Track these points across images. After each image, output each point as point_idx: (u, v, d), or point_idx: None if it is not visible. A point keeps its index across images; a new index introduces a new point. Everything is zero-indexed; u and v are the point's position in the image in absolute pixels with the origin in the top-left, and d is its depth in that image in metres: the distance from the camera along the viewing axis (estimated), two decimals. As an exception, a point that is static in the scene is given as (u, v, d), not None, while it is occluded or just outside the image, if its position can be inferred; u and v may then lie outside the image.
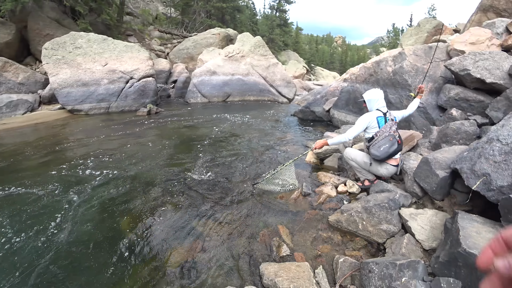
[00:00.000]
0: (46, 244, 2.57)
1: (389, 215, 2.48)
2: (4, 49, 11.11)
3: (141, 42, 17.68)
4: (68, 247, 2.55)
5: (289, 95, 12.90)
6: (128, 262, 2.40)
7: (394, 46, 35.78)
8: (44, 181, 3.96)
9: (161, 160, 4.78)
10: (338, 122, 6.78)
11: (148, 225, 2.89)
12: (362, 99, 3.35)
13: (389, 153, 2.93)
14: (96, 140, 6.19)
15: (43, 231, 2.75)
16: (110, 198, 3.45)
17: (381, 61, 5.86)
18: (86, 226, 2.87)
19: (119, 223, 2.94)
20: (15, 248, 2.53)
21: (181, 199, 3.42)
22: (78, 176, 4.16)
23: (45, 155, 5.24)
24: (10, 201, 3.40)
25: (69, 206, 3.23)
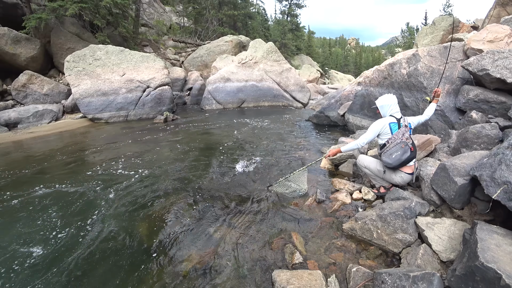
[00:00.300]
0: (70, 240, 2.69)
1: (404, 224, 2.42)
2: (30, 63, 11.74)
3: (156, 52, 18.19)
4: (93, 244, 2.75)
5: (303, 100, 12.86)
6: (145, 263, 2.49)
7: (409, 46, 34.93)
8: (73, 183, 4.35)
9: (178, 166, 4.92)
10: (353, 127, 6.68)
11: (165, 229, 2.99)
12: (375, 106, 3.29)
13: (401, 161, 2.86)
14: (117, 146, 6.48)
15: (66, 226, 2.91)
16: (130, 202, 3.61)
17: (394, 63, 5.74)
18: (108, 226, 3.03)
19: (138, 226, 3.07)
20: (49, 239, 2.78)
21: (197, 204, 3.51)
22: (102, 179, 4.42)
23: (72, 160, 5.61)
24: (44, 199, 3.81)
25: (94, 207, 3.44)
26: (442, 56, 5.14)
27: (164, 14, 26.63)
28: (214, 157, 5.37)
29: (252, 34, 28.47)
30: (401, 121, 3.03)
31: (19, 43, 11.42)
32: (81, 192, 4.01)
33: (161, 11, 26.87)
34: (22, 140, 7.77)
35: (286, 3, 38.41)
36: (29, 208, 3.58)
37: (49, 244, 2.82)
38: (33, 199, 3.84)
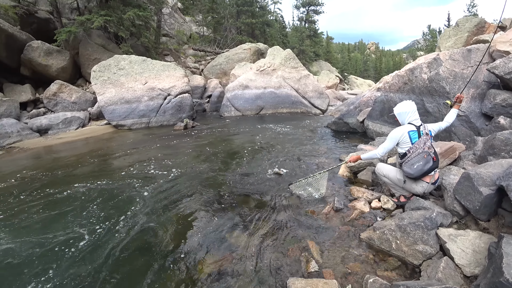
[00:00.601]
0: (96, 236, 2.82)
1: (425, 235, 2.33)
2: (60, 73, 12.48)
3: (177, 61, 18.74)
4: (125, 239, 3.01)
5: (322, 106, 12.75)
6: (163, 263, 2.60)
7: (431, 49, 33.76)
8: (107, 182, 4.76)
9: (199, 170, 5.06)
10: (373, 134, 6.54)
11: (183, 232, 3.07)
12: (392, 113, 3.20)
13: (423, 171, 2.76)
14: (141, 151, 6.78)
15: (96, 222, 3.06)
16: (154, 203, 3.80)
17: (415, 68, 5.58)
18: (137, 223, 3.20)
19: (159, 228, 3.20)
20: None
21: (215, 208, 3.60)
22: (129, 181, 4.71)
23: (101, 163, 6.08)
24: (84, 195, 4.29)
25: (126, 204, 3.63)
26: (465, 59, 4.95)
27: (184, 24, 27.46)
28: (233, 162, 5.47)
29: (270, 42, 28.70)
30: (421, 129, 2.92)
31: (51, 55, 12.19)
32: (113, 190, 4.40)
33: (182, 21, 27.74)
34: (52, 145, 8.25)
35: (303, 10, 38.48)
36: (73, 203, 4.00)
37: (90, 234, 3.15)
38: (75, 195, 4.28)
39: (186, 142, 7.56)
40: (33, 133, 9.31)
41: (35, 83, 12.36)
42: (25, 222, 3.51)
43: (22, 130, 9.08)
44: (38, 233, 3.20)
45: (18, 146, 8.24)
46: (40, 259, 2.75)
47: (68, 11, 15.62)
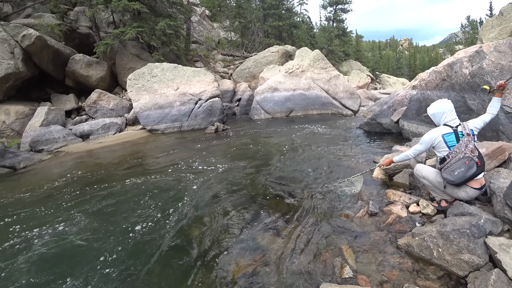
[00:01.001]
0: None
1: (471, 243, 2.15)
2: (99, 82, 13.37)
3: (206, 66, 19.25)
4: (172, 229, 3.30)
5: (354, 107, 12.36)
6: (194, 266, 2.65)
7: (472, 42, 31.27)
8: (152, 178, 5.27)
9: (232, 171, 5.17)
10: (409, 134, 6.20)
11: (215, 234, 3.13)
12: (426, 114, 2.97)
13: (465, 178, 2.53)
14: (175, 153, 7.15)
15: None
16: (184, 203, 3.93)
17: (454, 63, 5.19)
18: (161, 225, 3.34)
19: (190, 228, 3.31)
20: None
21: (248, 209, 3.64)
22: (164, 181, 5.02)
23: (140, 163, 6.61)
24: (135, 190, 4.81)
25: (167, 201, 3.78)
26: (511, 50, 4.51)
27: (212, 31, 28.18)
28: (266, 164, 5.51)
29: (298, 43, 28.49)
30: (459, 130, 2.67)
31: (91, 66, 13.11)
32: (156, 185, 4.84)
33: (210, 28, 28.49)
34: (94, 149, 8.86)
35: (331, 9, 37.77)
36: (126, 195, 4.51)
37: (144, 223, 3.52)
38: (126, 189, 4.81)
39: (218, 144, 7.75)
40: (76, 138, 10.04)
41: (78, 93, 13.36)
42: (90, 209, 4.08)
43: (67, 135, 9.83)
44: (102, 221, 3.69)
45: (64, 150, 8.94)
46: (102, 243, 3.14)
47: (105, 25, 16.73)
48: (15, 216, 4.14)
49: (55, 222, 3.75)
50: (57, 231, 3.52)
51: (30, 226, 3.70)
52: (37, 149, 9.00)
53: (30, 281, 2.63)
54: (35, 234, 3.47)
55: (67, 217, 3.90)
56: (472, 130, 2.70)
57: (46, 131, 9.46)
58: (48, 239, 3.34)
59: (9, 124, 10.35)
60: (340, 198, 3.63)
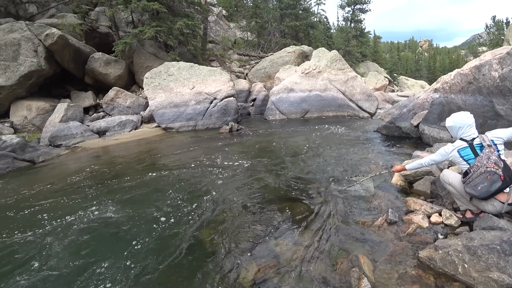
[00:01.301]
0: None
1: (502, 261, 1.97)
2: (117, 80, 13.64)
3: (222, 66, 19.31)
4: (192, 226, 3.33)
5: (371, 109, 12.04)
6: (207, 267, 2.61)
7: (497, 44, 29.77)
8: (154, 178, 5.27)
9: (246, 173, 5.09)
10: (429, 139, 5.94)
11: (230, 236, 3.06)
12: (444, 124, 2.86)
13: (490, 193, 2.36)
14: (190, 152, 7.22)
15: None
16: (203, 201, 3.94)
17: (482, 65, 4.92)
18: (173, 224, 3.33)
19: (199, 230, 3.25)
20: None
21: (262, 213, 3.54)
22: (181, 178, 5.10)
23: (154, 161, 6.67)
24: (158, 182, 5.07)
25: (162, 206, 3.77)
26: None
27: (229, 30, 28.30)
28: (281, 165, 5.40)
29: (315, 44, 28.17)
30: (475, 143, 2.51)
31: (109, 64, 13.39)
32: (177, 182, 4.90)
33: (226, 27, 28.62)
34: (110, 145, 9.02)
35: (349, 9, 37.16)
36: (145, 189, 4.68)
37: (166, 215, 3.68)
38: (147, 183, 4.98)
39: (234, 144, 7.70)
40: (93, 134, 10.26)
41: (96, 90, 13.67)
42: (111, 202, 4.23)
43: (84, 131, 10.06)
44: (124, 213, 3.84)
45: (81, 146, 9.16)
46: (125, 234, 3.31)
47: (124, 25, 17.08)
48: (38, 206, 4.34)
49: (79, 213, 3.91)
50: (84, 220, 3.69)
51: (55, 216, 3.91)
52: (55, 144, 9.25)
53: (60, 265, 2.81)
54: (60, 223, 3.67)
55: (90, 209, 4.02)
56: (493, 141, 2.51)
57: (65, 126, 9.72)
58: (75, 228, 3.52)
59: (31, 119, 10.69)
60: (357, 204, 3.49)
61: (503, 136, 2.54)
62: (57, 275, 2.64)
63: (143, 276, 2.54)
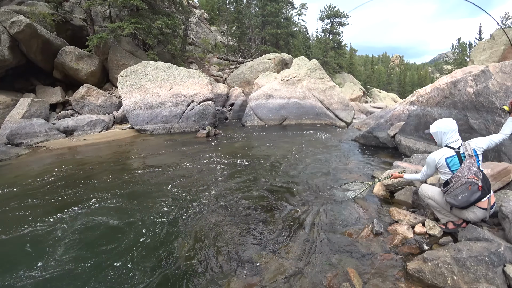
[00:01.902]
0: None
1: (490, 272, 1.96)
2: (89, 77, 12.90)
3: (201, 69, 19.00)
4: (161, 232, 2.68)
5: (347, 119, 12.32)
6: (186, 281, 2.36)
7: (461, 63, 32.27)
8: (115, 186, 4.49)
9: (222, 182, 4.81)
10: (406, 150, 6.10)
11: (204, 251, 2.80)
12: (428, 131, 2.87)
13: (470, 202, 2.41)
14: (163, 156, 6.80)
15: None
16: (169, 213, 3.51)
17: (458, 81, 5.15)
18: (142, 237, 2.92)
19: (174, 243, 2.95)
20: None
21: (241, 225, 3.30)
22: (150, 185, 4.52)
23: (122, 166, 6.13)
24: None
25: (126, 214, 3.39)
26: (516, 72, 4.49)
27: (210, 34, 28.07)
28: (260, 173, 5.20)
29: (294, 52, 28.64)
30: (461, 151, 2.55)
31: (82, 59, 12.64)
32: (142, 190, 4.21)
33: (207, 30, 28.38)
34: (77, 146, 8.40)
35: (328, 22, 38.34)
36: (106, 198, 4.18)
37: (134, 229, 3.04)
38: (111, 191, 4.40)
39: (210, 149, 7.42)
40: (59, 134, 9.55)
41: (66, 86, 12.84)
42: (65, 215, 3.52)
43: (49, 130, 9.33)
44: (92, 222, 3.22)
45: (44, 146, 8.45)
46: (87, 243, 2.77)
47: (100, 19, 16.28)
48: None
49: (26, 226, 3.40)
50: (33, 233, 3.20)
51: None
52: (15, 143, 8.49)
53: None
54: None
55: (43, 220, 3.53)
56: (475, 150, 2.56)
57: (27, 124, 8.96)
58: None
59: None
60: (342, 214, 3.41)
61: (483, 146, 2.60)
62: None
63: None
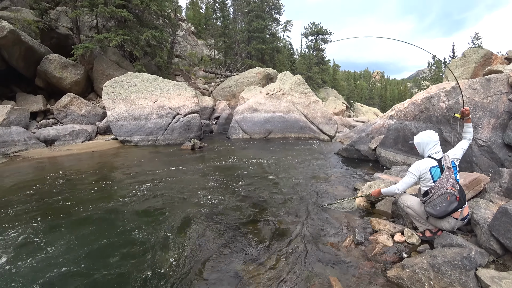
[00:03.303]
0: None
1: (463, 276, 2.09)
2: (73, 86, 12.70)
3: (187, 81, 19.08)
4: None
5: (331, 132, 12.64)
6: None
7: (437, 79, 34.12)
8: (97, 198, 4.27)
9: (203, 194, 4.76)
10: (386, 162, 6.34)
11: (188, 260, 2.78)
12: (412, 142, 3.01)
13: (447, 212, 2.56)
14: (147, 169, 6.57)
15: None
16: (149, 227, 3.44)
17: (432, 97, 5.50)
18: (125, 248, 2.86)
19: (157, 254, 2.88)
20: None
21: (224, 237, 3.27)
22: (131, 198, 4.34)
23: (104, 177, 5.86)
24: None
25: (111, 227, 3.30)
26: (485, 89, 4.85)
27: (196, 47, 28.36)
28: (244, 187, 5.20)
29: (279, 67, 29.32)
30: (442, 163, 2.71)
31: (66, 68, 12.46)
32: (123, 205, 4.04)
33: (194, 44, 28.68)
34: (57, 156, 8.15)
35: (312, 38, 39.66)
36: (84, 213, 3.78)
37: (114, 243, 2.82)
38: (89, 205, 4.01)
39: (194, 162, 7.36)
40: (39, 143, 9.26)
41: (48, 94, 12.57)
42: (40, 226, 3.36)
43: (29, 139, 9.04)
44: (65, 236, 3.06)
45: (23, 155, 8.15)
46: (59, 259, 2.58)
47: (87, 28, 16.20)
48: None
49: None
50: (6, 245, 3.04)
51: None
52: (-9, 152, 8.15)
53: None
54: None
55: (16, 231, 3.38)
56: (453, 162, 2.74)
57: (4, 132, 8.66)
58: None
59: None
60: (324, 225, 3.49)
61: (459, 156, 2.82)
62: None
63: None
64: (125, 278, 2.53)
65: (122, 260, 2.80)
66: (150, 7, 14.36)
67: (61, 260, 2.78)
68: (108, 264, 2.72)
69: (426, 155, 2.84)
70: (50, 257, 2.83)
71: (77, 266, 2.68)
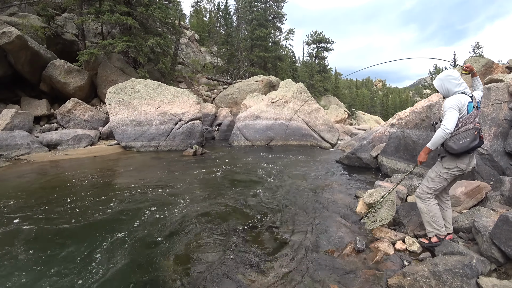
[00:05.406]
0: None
1: (465, 284, 2.08)
2: (77, 91, 12.83)
3: (190, 88, 19.24)
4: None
5: (332, 140, 12.65)
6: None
7: (439, 88, 34.16)
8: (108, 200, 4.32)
9: (207, 201, 4.77)
10: (387, 170, 6.34)
11: (192, 267, 2.78)
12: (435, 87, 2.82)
13: (468, 148, 2.52)
14: (149, 174, 6.60)
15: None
16: (150, 235, 3.45)
17: (433, 105, 5.53)
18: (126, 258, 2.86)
19: (160, 262, 2.88)
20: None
21: (226, 244, 3.27)
22: (132, 203, 4.38)
23: (105, 182, 5.86)
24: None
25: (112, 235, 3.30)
26: (485, 97, 4.89)
27: (199, 54, 28.68)
28: (245, 193, 5.20)
29: (281, 75, 29.53)
30: (472, 100, 2.63)
31: (71, 73, 12.61)
32: (119, 210, 4.03)
33: (197, 51, 29.01)
34: (59, 160, 8.17)
35: (314, 47, 40.07)
36: (88, 217, 3.79)
37: (114, 249, 2.85)
38: (93, 209, 4.03)
39: (196, 168, 7.37)
40: (42, 147, 9.32)
41: (52, 99, 12.69)
42: (44, 230, 3.40)
43: (32, 143, 9.10)
44: (46, 245, 3.06)
45: (25, 159, 8.20)
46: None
47: (92, 35, 16.46)
48: None
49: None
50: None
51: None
52: (-5, 155, 8.20)
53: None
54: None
55: (16, 238, 3.39)
56: (479, 102, 2.69)
57: (8, 135, 8.72)
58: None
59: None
60: (325, 233, 3.48)
61: (481, 100, 2.76)
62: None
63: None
64: (122, 280, 2.54)
65: (121, 268, 2.80)
66: (155, 15, 14.60)
67: (60, 263, 2.79)
68: (107, 270, 2.72)
69: (455, 92, 2.66)
70: (48, 261, 2.84)
71: (76, 270, 2.69)
